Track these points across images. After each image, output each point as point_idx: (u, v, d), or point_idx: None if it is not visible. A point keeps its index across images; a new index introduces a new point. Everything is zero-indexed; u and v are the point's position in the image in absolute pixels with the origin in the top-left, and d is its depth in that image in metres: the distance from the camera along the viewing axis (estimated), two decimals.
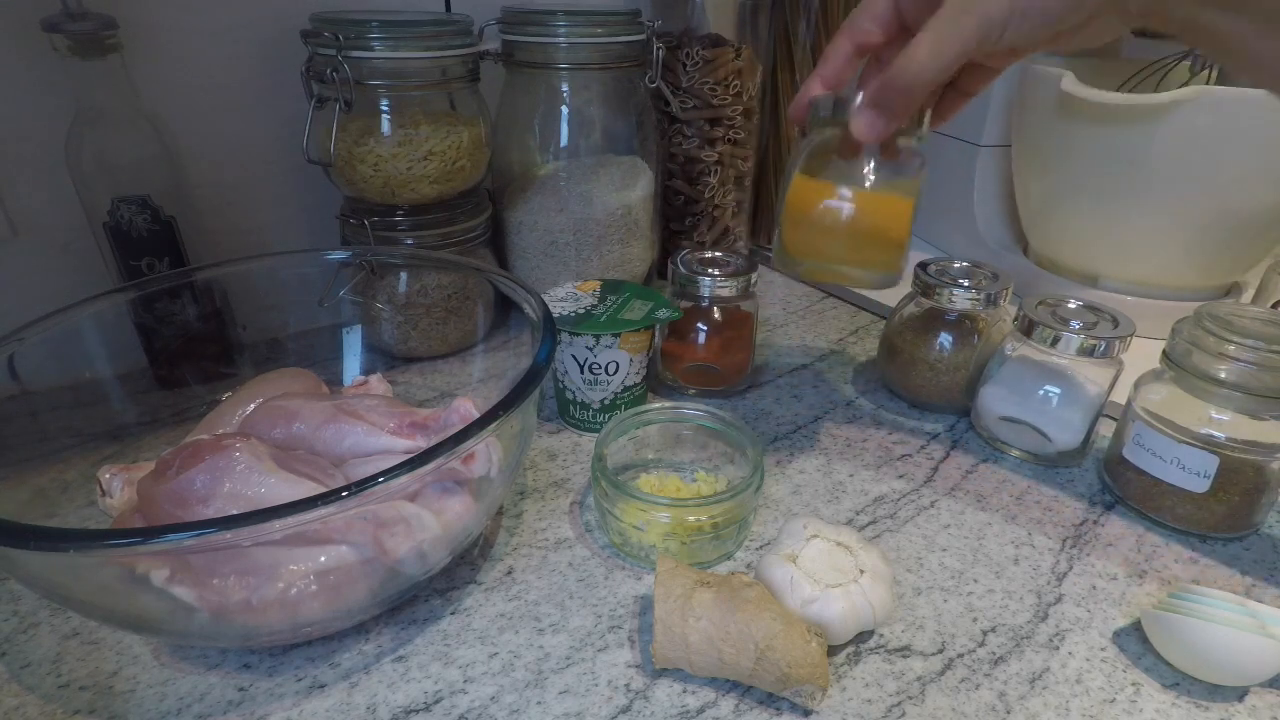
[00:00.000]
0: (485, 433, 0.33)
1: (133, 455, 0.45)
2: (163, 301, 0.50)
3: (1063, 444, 0.48)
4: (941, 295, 0.51)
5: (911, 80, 0.35)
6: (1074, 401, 0.47)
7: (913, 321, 0.54)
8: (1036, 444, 0.49)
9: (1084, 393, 0.47)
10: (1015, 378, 0.49)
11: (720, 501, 0.39)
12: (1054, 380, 0.47)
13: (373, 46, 0.50)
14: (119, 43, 0.47)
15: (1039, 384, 0.48)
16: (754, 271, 0.53)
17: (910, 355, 0.53)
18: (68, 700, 0.33)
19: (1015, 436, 0.49)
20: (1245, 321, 0.41)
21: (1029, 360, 0.48)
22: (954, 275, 0.53)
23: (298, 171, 0.58)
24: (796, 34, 0.70)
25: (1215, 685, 0.34)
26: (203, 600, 0.32)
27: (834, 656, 0.35)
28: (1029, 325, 0.47)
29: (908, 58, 0.35)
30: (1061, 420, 0.47)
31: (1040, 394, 0.48)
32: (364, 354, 0.56)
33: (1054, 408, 0.47)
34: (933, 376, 0.53)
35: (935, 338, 0.52)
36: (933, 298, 0.52)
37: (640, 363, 0.51)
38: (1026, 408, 0.48)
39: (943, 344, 0.52)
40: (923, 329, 0.53)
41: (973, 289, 0.50)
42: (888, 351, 0.55)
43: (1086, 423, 0.47)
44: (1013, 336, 0.49)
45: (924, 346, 0.53)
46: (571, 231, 0.61)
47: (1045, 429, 0.48)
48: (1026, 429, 0.49)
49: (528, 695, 0.33)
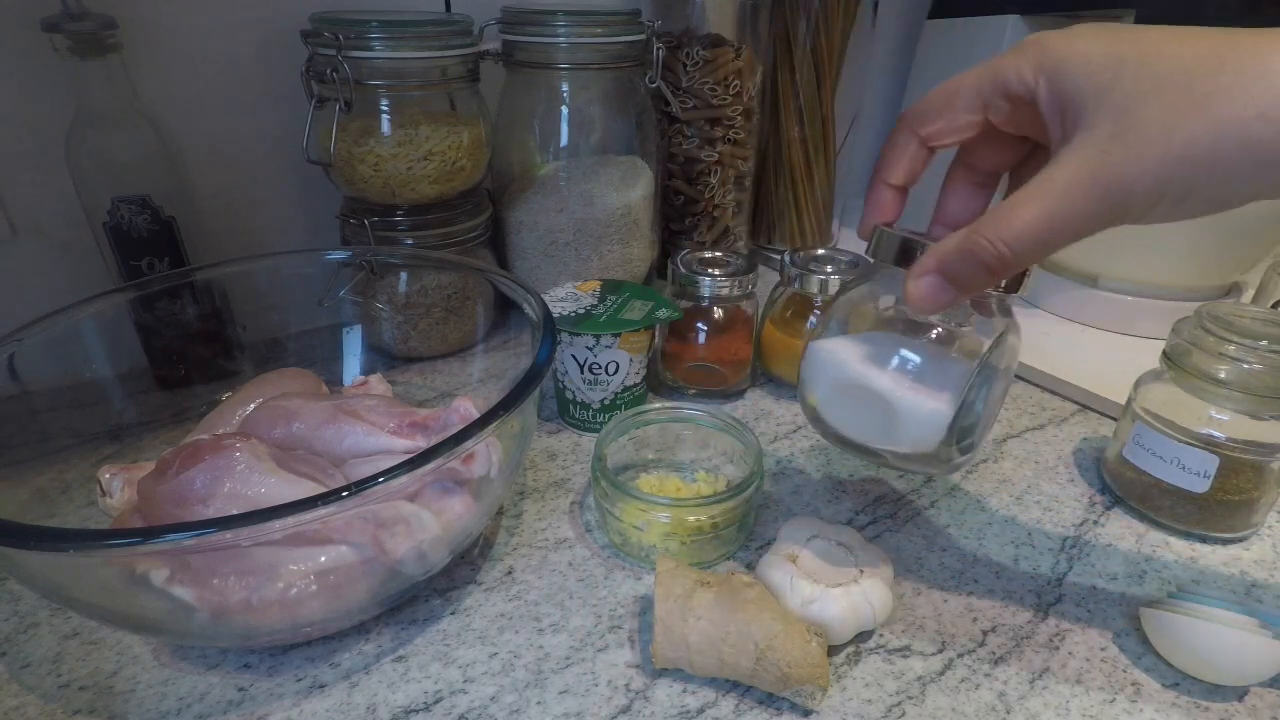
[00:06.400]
0: (485, 433, 0.33)
1: (133, 455, 0.45)
2: (163, 301, 0.50)
3: (915, 434, 0.32)
4: None
5: (1003, 258, 0.27)
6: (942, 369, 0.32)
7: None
8: (877, 432, 0.33)
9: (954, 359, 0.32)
10: (867, 336, 0.33)
11: (720, 501, 0.39)
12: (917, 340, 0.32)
13: (373, 46, 0.50)
14: (119, 43, 0.47)
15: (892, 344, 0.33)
16: (754, 271, 0.53)
17: None
18: (68, 700, 0.33)
19: (850, 419, 0.34)
20: (1245, 321, 0.41)
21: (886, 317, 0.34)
22: None
23: (298, 171, 0.58)
24: (796, 34, 0.70)
25: (1215, 685, 0.34)
26: (203, 600, 0.32)
27: (834, 656, 0.35)
28: None
29: (1003, 225, 0.26)
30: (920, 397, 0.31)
31: (894, 357, 0.32)
32: (364, 354, 0.56)
33: (914, 376, 0.32)
34: None
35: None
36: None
37: (640, 363, 0.51)
38: (876, 371, 0.32)
39: None
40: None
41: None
42: None
43: (952, 400, 0.31)
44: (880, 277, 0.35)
45: None
46: (571, 231, 0.61)
47: (899, 404, 0.32)
48: (869, 408, 0.33)
49: (528, 695, 0.33)
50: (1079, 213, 0.25)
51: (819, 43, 0.70)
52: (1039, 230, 0.26)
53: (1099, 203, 0.25)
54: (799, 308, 0.55)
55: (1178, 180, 0.24)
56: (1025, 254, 0.26)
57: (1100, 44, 0.26)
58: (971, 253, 0.27)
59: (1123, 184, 0.24)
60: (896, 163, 0.32)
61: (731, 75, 0.66)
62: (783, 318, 0.55)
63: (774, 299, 0.56)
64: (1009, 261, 0.27)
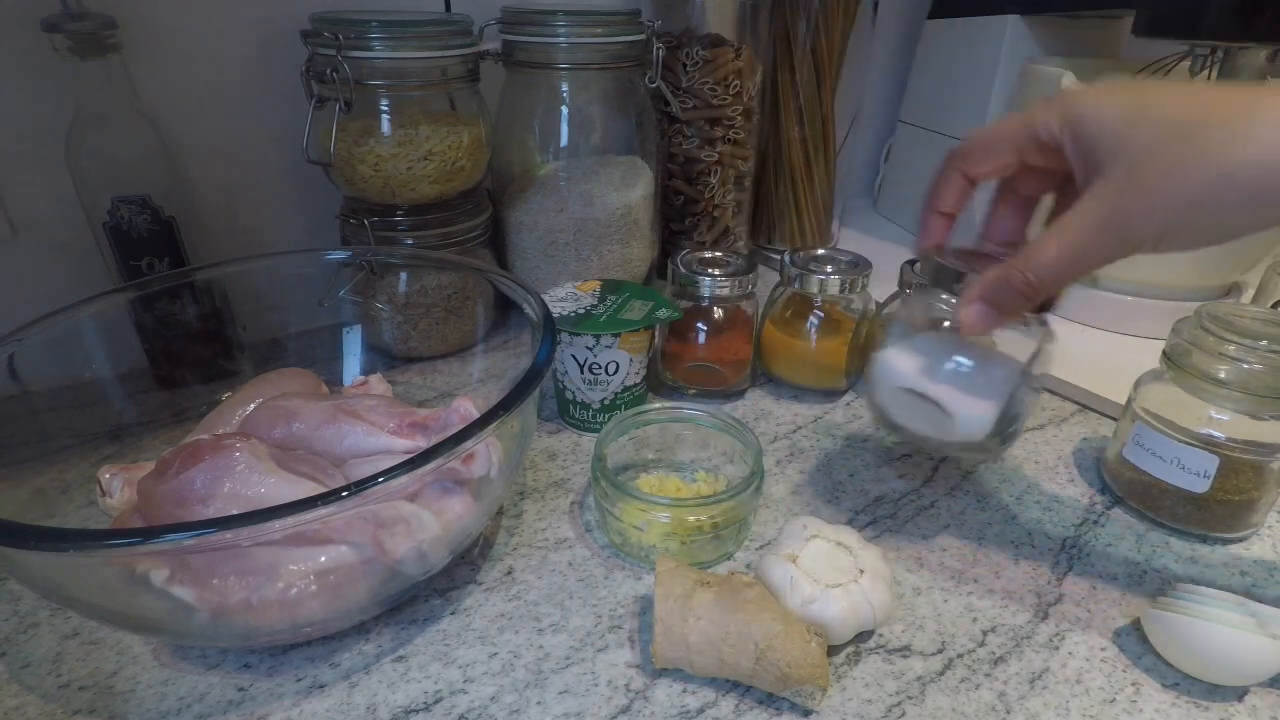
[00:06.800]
0: (485, 433, 0.33)
1: (133, 455, 0.45)
2: (163, 301, 0.50)
3: (966, 427, 0.38)
4: (808, 283, 0.53)
5: (1033, 285, 0.32)
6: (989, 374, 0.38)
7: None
8: (936, 427, 0.39)
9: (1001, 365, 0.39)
10: (922, 344, 0.40)
11: (720, 501, 0.39)
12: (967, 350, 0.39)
13: (373, 46, 0.50)
14: (119, 43, 0.47)
15: (947, 351, 0.39)
16: (754, 271, 0.53)
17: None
18: (68, 700, 0.33)
19: (911, 416, 0.40)
20: (1245, 321, 0.41)
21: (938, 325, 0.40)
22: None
23: (298, 171, 0.58)
24: (796, 34, 0.70)
25: (1215, 685, 0.34)
26: (203, 600, 0.32)
27: (834, 656, 0.35)
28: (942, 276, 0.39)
29: (1033, 259, 0.32)
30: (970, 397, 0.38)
31: (947, 364, 0.39)
32: (364, 354, 0.56)
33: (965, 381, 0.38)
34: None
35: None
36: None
37: (640, 363, 0.51)
38: (931, 378, 0.38)
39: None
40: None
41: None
42: (870, 347, 0.56)
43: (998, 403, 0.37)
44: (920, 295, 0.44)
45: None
46: (571, 231, 0.61)
47: (949, 405, 0.38)
48: (927, 407, 0.39)
49: (528, 695, 0.33)
50: (1096, 249, 0.31)
51: (819, 43, 0.70)
52: (1063, 263, 0.31)
53: (1113, 241, 0.30)
54: (799, 308, 0.55)
55: (1180, 221, 0.29)
56: (1051, 282, 0.32)
57: (1116, 102, 0.31)
58: (1007, 282, 0.33)
59: (1133, 225, 0.30)
60: (944, 194, 0.37)
61: (731, 75, 0.66)
62: (783, 318, 0.55)
63: (774, 299, 0.56)
64: (1038, 289, 0.32)
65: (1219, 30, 0.52)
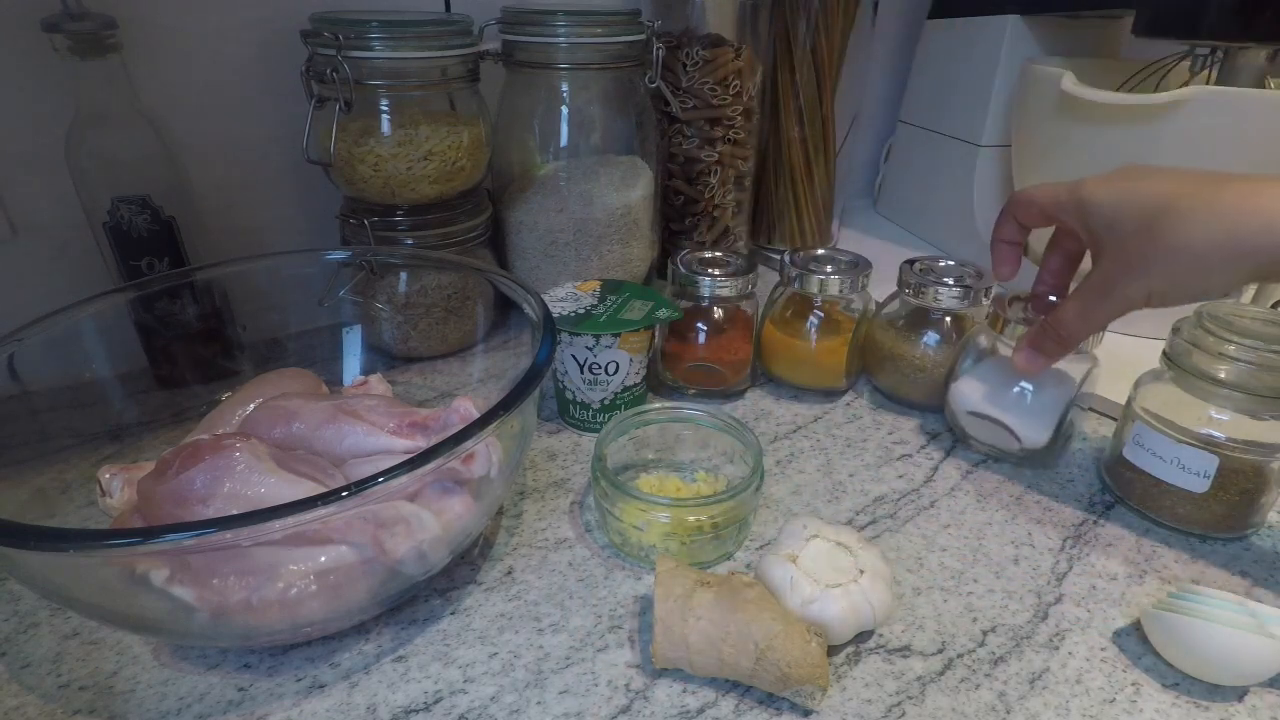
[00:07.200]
0: (485, 433, 0.33)
1: (133, 455, 0.45)
2: (163, 301, 0.50)
3: (1030, 442, 0.47)
4: (927, 294, 0.51)
5: (1063, 338, 0.42)
6: (1043, 398, 0.47)
7: (896, 320, 0.54)
8: (1004, 440, 0.48)
9: (1054, 389, 0.46)
10: (986, 372, 0.49)
11: (720, 501, 0.39)
12: (1024, 376, 0.47)
13: (373, 46, 0.50)
14: (119, 43, 0.47)
15: (1008, 379, 0.47)
16: (754, 271, 0.53)
17: (892, 353, 0.53)
18: (68, 700, 0.33)
19: (983, 432, 0.49)
20: (1245, 321, 0.41)
21: (999, 354, 0.49)
22: (939, 274, 0.53)
23: (298, 171, 0.58)
24: (796, 34, 0.70)
25: (1215, 685, 0.34)
26: (203, 600, 0.32)
27: (834, 656, 0.35)
28: (1000, 321, 0.47)
29: (1059, 317, 0.42)
30: (1029, 418, 0.47)
31: (1012, 390, 0.47)
32: (364, 354, 0.56)
33: (1024, 404, 0.47)
34: (914, 375, 0.53)
35: (920, 336, 0.53)
36: (919, 297, 0.52)
37: (640, 363, 0.51)
38: (995, 403, 0.48)
39: (927, 342, 0.52)
40: (908, 328, 0.53)
41: (958, 287, 0.51)
42: (870, 347, 0.55)
43: (1054, 420, 0.46)
44: (983, 330, 0.49)
45: (908, 345, 0.53)
46: (571, 231, 0.61)
47: (1012, 425, 0.47)
48: (995, 425, 0.48)
49: (528, 695, 0.33)
50: (1102, 309, 0.40)
51: (819, 43, 0.70)
52: (1079, 321, 0.41)
53: (1114, 305, 0.39)
54: (799, 308, 0.55)
55: (1163, 288, 0.37)
56: (1075, 336, 0.42)
57: (1112, 189, 0.39)
58: (1045, 334, 0.43)
59: (1126, 293, 0.38)
60: (1008, 230, 0.46)
61: (731, 75, 0.66)
62: (783, 318, 0.55)
63: (774, 299, 0.56)
64: (1067, 341, 0.42)
65: (1219, 30, 0.52)
